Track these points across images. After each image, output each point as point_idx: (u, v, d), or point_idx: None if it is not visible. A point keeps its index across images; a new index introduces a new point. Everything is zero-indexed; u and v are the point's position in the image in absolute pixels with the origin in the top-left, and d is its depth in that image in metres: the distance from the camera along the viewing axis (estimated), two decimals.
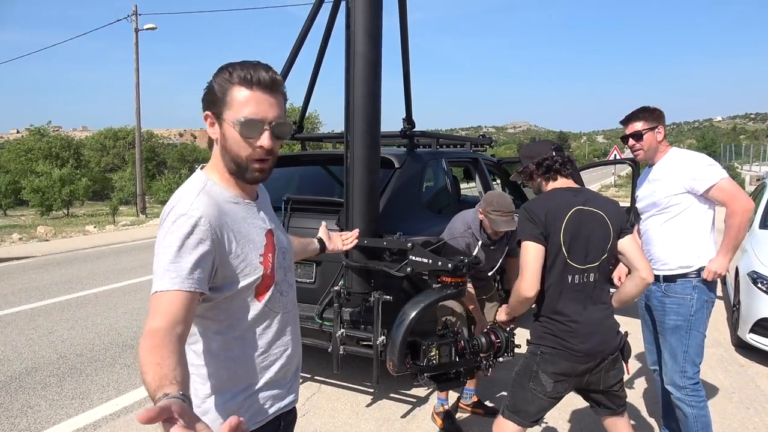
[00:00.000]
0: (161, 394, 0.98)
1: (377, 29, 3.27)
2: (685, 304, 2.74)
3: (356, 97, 3.27)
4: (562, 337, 2.20)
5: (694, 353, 2.75)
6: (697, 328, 2.74)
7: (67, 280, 8.13)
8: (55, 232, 14.47)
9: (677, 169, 2.76)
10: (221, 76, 1.32)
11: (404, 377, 2.56)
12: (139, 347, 1.15)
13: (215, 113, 1.34)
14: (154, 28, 21.75)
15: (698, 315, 2.73)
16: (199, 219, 1.26)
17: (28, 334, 5.51)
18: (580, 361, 2.20)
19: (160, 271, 1.22)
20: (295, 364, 1.56)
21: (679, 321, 2.75)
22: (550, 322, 2.24)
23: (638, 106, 2.93)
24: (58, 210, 21.80)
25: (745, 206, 2.67)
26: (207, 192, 1.33)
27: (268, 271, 1.40)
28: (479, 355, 2.51)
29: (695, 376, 2.77)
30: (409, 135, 4.53)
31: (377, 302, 3.28)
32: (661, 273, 2.80)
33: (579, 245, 2.20)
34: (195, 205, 1.28)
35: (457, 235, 3.40)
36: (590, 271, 2.22)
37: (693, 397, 2.75)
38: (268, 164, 1.37)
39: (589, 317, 2.22)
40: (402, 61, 4.26)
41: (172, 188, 26.02)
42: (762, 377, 4.36)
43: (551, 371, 2.22)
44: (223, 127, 1.33)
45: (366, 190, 3.34)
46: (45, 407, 3.91)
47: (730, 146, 43.62)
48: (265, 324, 1.43)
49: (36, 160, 30.54)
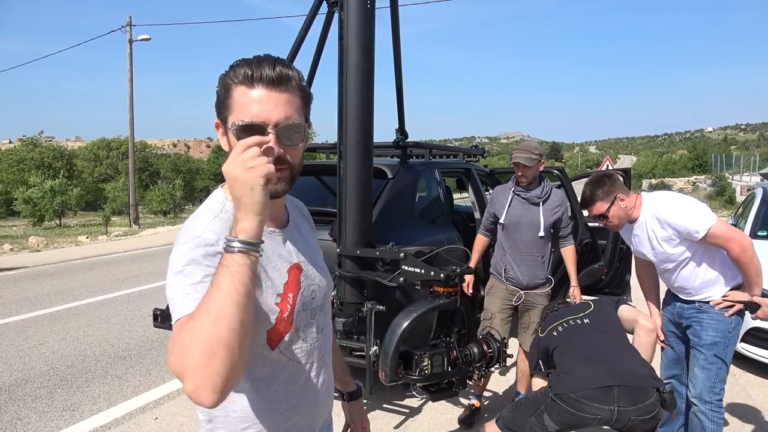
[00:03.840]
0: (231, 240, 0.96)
1: (370, 41, 3.30)
2: (724, 321, 2.72)
3: (349, 107, 3.29)
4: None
5: (726, 371, 2.76)
6: (733, 344, 2.75)
7: (58, 290, 8.07)
8: (47, 242, 14.37)
9: (663, 222, 2.71)
10: (226, 76, 1.13)
11: (397, 387, 2.56)
12: (172, 357, 0.96)
13: (222, 119, 1.15)
14: (148, 39, 21.77)
15: (735, 332, 2.74)
16: (217, 242, 1.07)
17: (19, 346, 5.46)
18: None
19: (180, 296, 1.03)
20: (323, 420, 1.35)
21: (718, 337, 2.72)
22: None
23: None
24: (50, 220, 21.67)
25: (743, 246, 2.61)
26: (224, 216, 1.13)
27: (285, 315, 1.17)
28: (471, 365, 2.52)
29: (721, 393, 2.76)
30: (402, 145, 4.55)
31: (370, 312, 3.28)
32: (697, 300, 2.80)
33: None
34: (210, 228, 1.10)
35: (492, 192, 3.77)
36: None
37: (716, 413, 2.75)
38: (282, 174, 1.12)
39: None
40: (395, 72, 4.28)
41: (165, 198, 25.95)
42: (753, 386, 4.38)
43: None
44: (229, 134, 1.13)
45: (359, 201, 3.35)
46: (35, 419, 3.87)
47: (721, 156, 43.91)
48: (283, 375, 1.21)
49: (28, 171, 30.43)
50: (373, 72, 3.36)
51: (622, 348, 2.40)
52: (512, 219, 3.55)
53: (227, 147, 1.15)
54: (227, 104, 1.12)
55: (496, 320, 3.58)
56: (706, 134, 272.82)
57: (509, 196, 3.58)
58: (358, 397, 1.67)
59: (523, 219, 3.53)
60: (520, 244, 3.55)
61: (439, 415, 3.85)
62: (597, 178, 2.84)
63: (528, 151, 3.44)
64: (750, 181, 26.44)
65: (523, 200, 3.55)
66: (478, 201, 5.06)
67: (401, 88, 4.38)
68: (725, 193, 24.75)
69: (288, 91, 1.12)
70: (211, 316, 0.91)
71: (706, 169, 41.70)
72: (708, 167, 43.26)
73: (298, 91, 1.14)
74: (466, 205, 5.91)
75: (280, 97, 1.10)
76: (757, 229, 5.80)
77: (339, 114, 3.35)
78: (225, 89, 1.12)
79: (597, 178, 2.84)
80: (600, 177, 2.84)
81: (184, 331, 0.94)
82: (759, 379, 4.52)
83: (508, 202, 3.56)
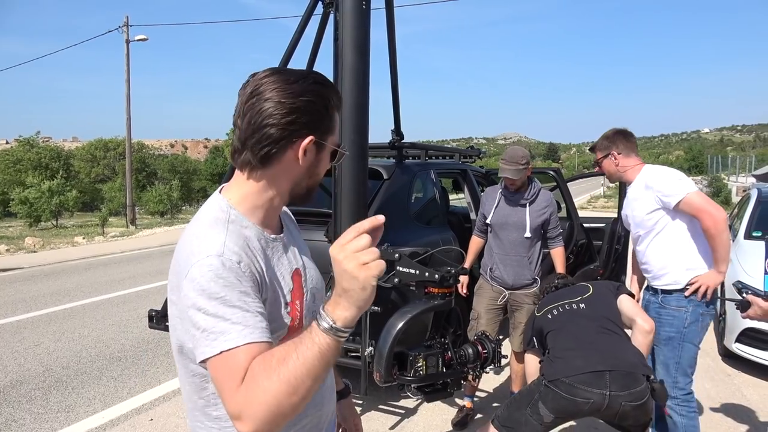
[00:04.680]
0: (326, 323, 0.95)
1: (365, 41, 3.30)
2: (680, 317, 2.78)
3: (344, 108, 3.29)
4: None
5: (686, 365, 2.81)
6: (690, 340, 2.78)
7: (54, 291, 8.05)
8: (43, 243, 14.34)
9: (648, 186, 2.84)
10: (326, 92, 1.12)
11: (392, 389, 2.56)
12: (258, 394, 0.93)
13: (320, 135, 1.13)
14: (145, 39, 21.75)
15: (692, 327, 2.77)
16: (239, 263, 1.03)
17: (14, 347, 5.45)
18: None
19: (217, 324, 0.97)
20: (327, 419, 1.35)
21: (672, 333, 2.80)
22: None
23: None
24: (46, 221, 21.62)
25: (715, 219, 2.67)
26: (233, 228, 1.09)
27: (296, 323, 1.16)
28: (466, 366, 2.52)
29: (687, 386, 2.82)
30: (397, 146, 4.56)
31: (365, 313, 3.28)
32: (659, 287, 2.88)
33: None
34: (229, 247, 1.04)
35: (484, 192, 3.81)
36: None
37: (684, 407, 2.82)
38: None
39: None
40: (390, 73, 4.29)
41: (162, 199, 25.90)
42: (748, 386, 4.40)
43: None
44: (323, 152, 1.15)
45: (354, 201, 3.35)
46: (30, 420, 3.86)
47: (717, 157, 44.02)
48: None
49: (25, 171, 30.33)
50: (369, 72, 3.36)
51: (615, 335, 2.44)
52: (499, 219, 3.60)
53: (309, 162, 1.14)
54: (330, 125, 1.14)
55: (482, 320, 3.61)
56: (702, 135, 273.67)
57: (497, 197, 3.62)
58: (348, 395, 1.68)
59: (509, 219, 3.56)
60: (507, 244, 3.58)
61: (435, 416, 3.86)
62: (611, 131, 3.05)
63: (515, 163, 3.44)
64: (746, 182, 26.54)
65: (510, 201, 3.59)
66: (473, 202, 5.07)
67: (397, 89, 4.38)
68: (721, 194, 24.82)
69: None
70: (291, 386, 0.92)
71: (702, 170, 41.85)
72: (704, 168, 43.39)
73: None
74: (462, 206, 5.92)
75: None
76: (752, 230, 5.82)
77: None
78: (326, 107, 1.12)
79: (611, 131, 3.05)
80: (613, 131, 3.04)
81: (262, 380, 0.93)
82: (753, 380, 4.53)
83: (496, 202, 3.61)
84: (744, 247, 5.48)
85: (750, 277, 4.77)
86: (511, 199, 3.58)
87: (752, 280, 4.65)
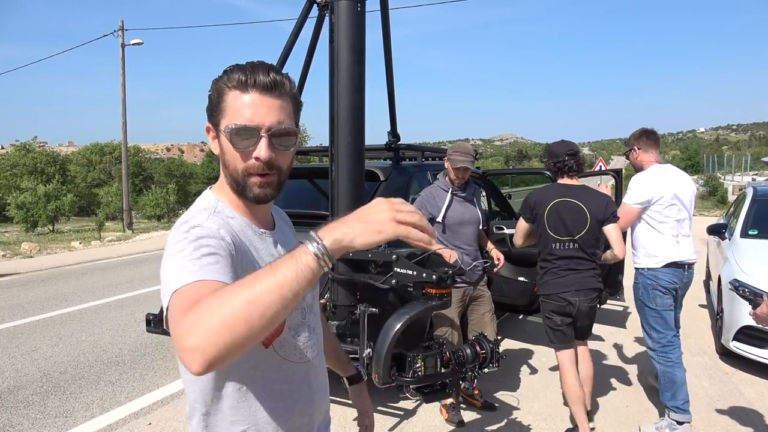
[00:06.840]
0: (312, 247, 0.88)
1: (361, 43, 3.31)
2: (636, 291, 3.63)
3: (340, 110, 3.30)
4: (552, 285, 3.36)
5: (652, 323, 3.53)
6: (644, 306, 3.57)
7: (51, 296, 8.03)
8: (40, 248, 14.29)
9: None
10: (219, 81, 1.14)
11: (391, 390, 2.56)
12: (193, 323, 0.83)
13: (214, 123, 1.16)
14: (140, 44, 21.73)
15: (645, 296, 3.55)
16: (218, 230, 1.07)
17: (11, 352, 5.43)
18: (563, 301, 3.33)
19: (176, 271, 0.96)
20: (320, 419, 1.35)
21: (635, 302, 3.66)
22: (545, 275, 3.38)
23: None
24: (43, 226, 21.56)
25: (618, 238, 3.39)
26: (218, 215, 1.15)
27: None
28: (465, 366, 2.52)
29: (661, 340, 3.50)
30: (394, 148, 4.56)
31: (363, 315, 3.28)
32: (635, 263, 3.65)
33: (558, 224, 3.31)
34: (210, 221, 1.10)
35: (425, 193, 3.81)
36: (569, 242, 3.30)
37: (661, 357, 3.51)
38: (271, 179, 1.15)
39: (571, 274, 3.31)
40: (386, 75, 4.29)
41: (158, 203, 25.87)
42: (746, 384, 4.41)
43: (549, 309, 3.40)
44: (221, 138, 1.14)
45: (351, 203, 3.36)
46: (28, 426, 3.84)
47: (713, 157, 44.14)
48: (277, 374, 1.20)
49: (21, 176, 30.27)
50: (364, 74, 3.37)
51: (588, 261, 3.31)
52: (456, 218, 3.70)
53: (217, 150, 1.18)
54: (220, 108, 1.14)
55: (455, 324, 3.67)
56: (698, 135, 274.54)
57: (447, 198, 3.70)
58: (359, 380, 1.72)
59: (465, 216, 3.73)
60: (466, 239, 3.75)
61: (433, 417, 3.85)
62: (639, 130, 3.65)
63: (468, 155, 3.64)
64: (742, 181, 26.61)
65: (461, 199, 3.74)
66: None
67: (393, 91, 4.39)
68: (717, 192, 24.88)
69: (281, 97, 1.13)
70: (252, 293, 0.83)
71: (698, 170, 41.91)
72: (700, 167, 43.44)
73: (290, 98, 1.16)
74: None
75: (273, 102, 1.12)
76: (748, 229, 5.84)
77: (330, 117, 3.36)
78: (218, 93, 1.14)
79: (639, 130, 3.65)
80: (639, 131, 3.65)
81: (215, 296, 0.85)
82: (751, 377, 4.54)
83: (447, 202, 3.69)
84: (740, 245, 5.49)
85: (747, 275, 4.79)
86: (461, 196, 3.74)
87: (749, 279, 4.67)
